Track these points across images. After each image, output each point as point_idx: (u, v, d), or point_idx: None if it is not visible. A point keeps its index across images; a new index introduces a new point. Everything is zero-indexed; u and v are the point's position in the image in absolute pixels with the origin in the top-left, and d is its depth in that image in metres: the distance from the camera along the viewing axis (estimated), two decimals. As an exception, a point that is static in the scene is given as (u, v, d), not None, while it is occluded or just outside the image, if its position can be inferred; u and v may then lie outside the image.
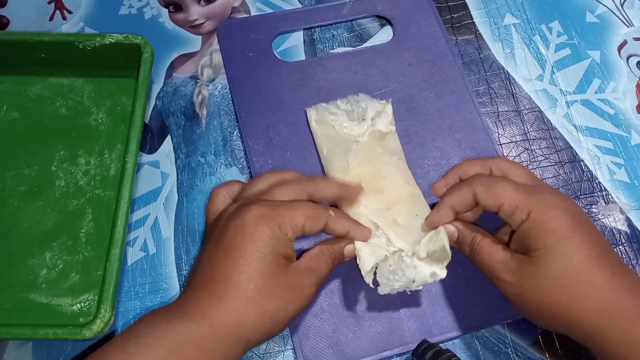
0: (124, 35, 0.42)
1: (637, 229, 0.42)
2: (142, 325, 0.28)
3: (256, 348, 0.37)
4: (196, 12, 0.49)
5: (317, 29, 0.49)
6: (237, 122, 0.44)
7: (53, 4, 0.49)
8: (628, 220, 0.42)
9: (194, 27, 0.49)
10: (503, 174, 0.34)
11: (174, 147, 0.43)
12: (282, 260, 0.30)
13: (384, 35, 0.49)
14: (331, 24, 0.49)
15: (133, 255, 0.39)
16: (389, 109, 0.42)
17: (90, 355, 0.27)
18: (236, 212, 0.31)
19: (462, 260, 0.39)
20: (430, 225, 0.34)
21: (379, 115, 0.41)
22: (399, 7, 0.50)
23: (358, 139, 0.41)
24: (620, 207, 0.43)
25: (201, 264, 0.31)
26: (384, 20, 0.50)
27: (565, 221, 0.30)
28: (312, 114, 0.42)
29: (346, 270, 0.39)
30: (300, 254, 0.33)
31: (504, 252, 0.32)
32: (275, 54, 0.47)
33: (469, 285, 0.38)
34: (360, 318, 0.37)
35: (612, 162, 0.44)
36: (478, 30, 0.50)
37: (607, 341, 0.28)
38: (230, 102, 0.45)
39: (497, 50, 0.49)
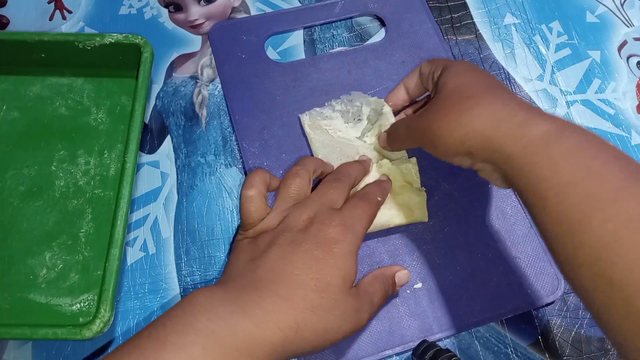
0: (124, 35, 0.42)
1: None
2: (200, 314, 0.27)
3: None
4: (196, 12, 0.49)
5: (317, 28, 0.49)
6: (232, 124, 0.44)
7: (53, 3, 0.49)
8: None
9: (193, 27, 0.49)
10: None
11: (173, 147, 0.43)
12: (351, 277, 0.31)
13: (384, 35, 0.49)
14: (323, 24, 0.49)
15: (133, 255, 0.39)
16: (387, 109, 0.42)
17: (134, 346, 0.26)
18: (315, 226, 0.31)
19: (461, 258, 0.39)
20: (387, 99, 0.41)
21: (380, 115, 0.41)
22: (390, 5, 0.50)
23: (364, 139, 0.41)
24: (620, 207, 0.43)
25: (267, 261, 0.30)
26: (378, 19, 0.50)
27: (467, 65, 0.35)
28: (305, 119, 0.42)
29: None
30: None
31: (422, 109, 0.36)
32: (268, 54, 0.47)
33: (468, 283, 0.38)
34: (360, 318, 0.37)
35: (612, 162, 0.44)
36: (478, 30, 0.50)
37: (503, 141, 0.29)
38: (230, 102, 0.45)
39: (497, 50, 0.49)
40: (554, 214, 0.26)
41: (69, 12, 0.49)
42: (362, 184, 0.38)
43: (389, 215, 0.38)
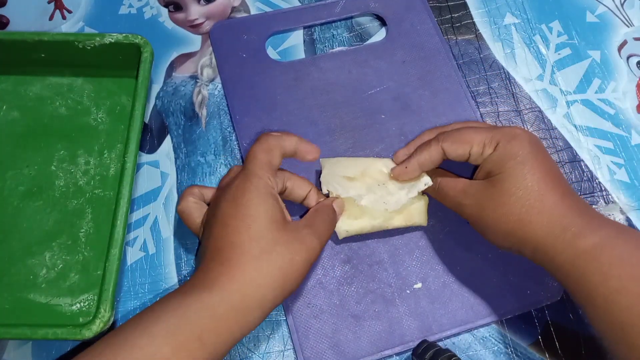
0: (124, 35, 0.42)
1: (638, 229, 0.42)
2: (157, 303, 0.29)
3: (256, 348, 0.37)
4: (196, 11, 0.49)
5: (317, 28, 0.49)
6: (232, 124, 0.44)
7: (53, 3, 0.49)
8: (628, 220, 0.42)
9: (193, 27, 0.49)
10: None
11: (173, 147, 0.43)
12: (278, 216, 0.31)
13: (384, 34, 0.49)
14: (324, 23, 0.49)
15: (133, 255, 0.39)
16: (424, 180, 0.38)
17: (109, 333, 0.28)
18: (222, 191, 0.33)
19: (461, 258, 0.39)
20: (396, 177, 0.38)
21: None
22: (391, 5, 0.50)
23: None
24: (620, 207, 0.43)
25: (203, 247, 0.32)
26: (378, 19, 0.50)
27: (525, 148, 0.33)
28: (324, 173, 0.38)
29: (345, 271, 0.39)
30: None
31: (463, 181, 0.36)
32: (269, 54, 0.47)
33: (468, 283, 0.38)
34: (360, 318, 0.37)
35: (612, 162, 0.44)
36: (478, 30, 0.50)
37: (554, 253, 0.31)
38: (230, 102, 0.45)
39: (497, 50, 0.49)
40: (605, 317, 0.29)
41: (69, 12, 0.49)
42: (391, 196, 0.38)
43: (388, 216, 0.38)
